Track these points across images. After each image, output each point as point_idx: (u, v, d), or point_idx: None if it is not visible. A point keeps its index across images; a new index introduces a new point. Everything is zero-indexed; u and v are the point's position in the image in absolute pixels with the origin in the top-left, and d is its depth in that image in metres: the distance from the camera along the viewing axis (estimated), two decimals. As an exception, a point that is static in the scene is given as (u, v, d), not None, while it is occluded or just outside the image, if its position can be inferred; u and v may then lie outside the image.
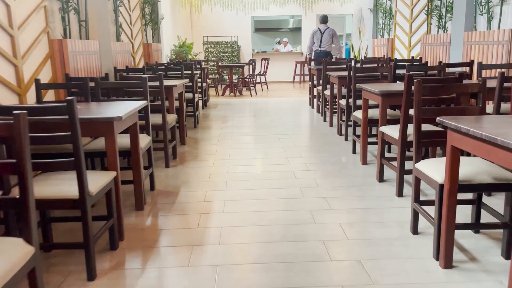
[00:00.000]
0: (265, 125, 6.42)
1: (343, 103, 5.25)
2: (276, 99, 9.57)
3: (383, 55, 8.56)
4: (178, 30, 11.88)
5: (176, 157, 4.60)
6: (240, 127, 6.35)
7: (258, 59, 13.38)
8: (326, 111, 6.55)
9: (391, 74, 4.54)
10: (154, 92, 4.09)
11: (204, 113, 7.81)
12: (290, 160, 4.41)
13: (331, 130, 5.89)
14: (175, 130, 4.59)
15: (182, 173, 4.07)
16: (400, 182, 3.25)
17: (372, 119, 4.15)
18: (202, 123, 6.74)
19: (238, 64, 10.72)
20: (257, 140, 5.41)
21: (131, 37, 7.46)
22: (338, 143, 5.12)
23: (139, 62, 7.88)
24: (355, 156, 4.52)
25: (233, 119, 7.04)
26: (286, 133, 5.80)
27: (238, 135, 5.76)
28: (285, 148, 4.95)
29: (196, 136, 5.78)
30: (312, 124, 6.57)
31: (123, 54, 6.45)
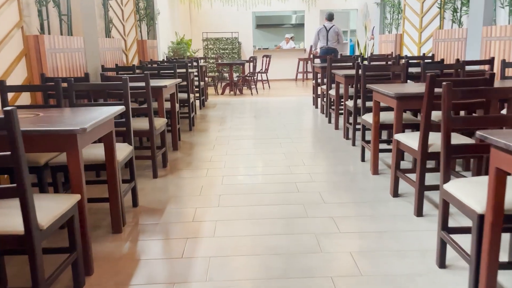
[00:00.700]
0: (265, 127, 5.98)
1: (350, 105, 4.81)
2: (278, 99, 9.12)
3: (391, 51, 8.10)
4: (176, 26, 11.43)
5: (166, 165, 4.16)
6: (238, 129, 5.91)
7: (259, 56, 12.92)
8: (331, 112, 6.10)
9: (404, 73, 4.08)
10: (141, 94, 3.66)
11: (202, 114, 7.37)
12: (292, 169, 3.97)
13: (337, 134, 5.44)
14: (165, 135, 4.15)
15: (171, 184, 3.63)
16: (419, 200, 2.80)
17: (384, 124, 3.71)
18: (198, 125, 6.30)
19: (238, 62, 10.28)
20: (256, 145, 4.97)
21: (124, 33, 7.03)
22: (344, 149, 4.68)
23: (132, 60, 7.45)
24: (364, 165, 4.07)
25: (231, 121, 6.60)
26: (288, 136, 5.36)
27: (236, 138, 5.32)
28: (287, 154, 4.50)
29: (190, 140, 5.34)
30: (316, 126, 6.12)
31: (114, 51, 6.01)
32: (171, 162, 4.32)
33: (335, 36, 8.72)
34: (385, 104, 3.43)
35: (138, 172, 3.95)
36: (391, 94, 3.06)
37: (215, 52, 12.51)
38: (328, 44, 8.72)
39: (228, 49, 12.59)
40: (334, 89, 5.79)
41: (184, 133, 5.71)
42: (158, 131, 3.87)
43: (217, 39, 12.57)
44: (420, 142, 2.68)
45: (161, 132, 4.05)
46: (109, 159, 2.57)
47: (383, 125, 3.70)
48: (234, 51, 12.61)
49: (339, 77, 5.31)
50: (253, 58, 10.19)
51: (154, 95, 4.13)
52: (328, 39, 8.77)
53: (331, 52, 8.48)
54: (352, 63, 6.29)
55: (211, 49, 12.55)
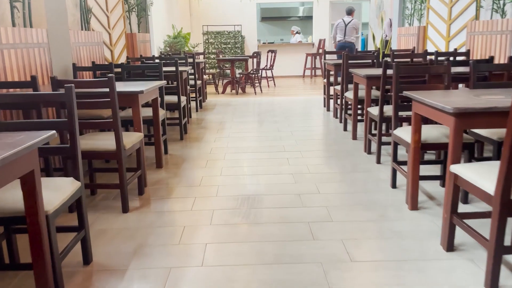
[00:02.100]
0: (269, 136, 5.08)
1: (374, 113, 3.90)
2: (284, 98, 8.21)
3: (413, 46, 7.15)
4: (173, 18, 10.52)
5: (143, 192, 3.27)
6: (238, 138, 5.02)
7: (264, 51, 11.99)
8: (346, 117, 5.19)
9: (448, 76, 3.16)
10: (104, 104, 2.78)
11: (198, 118, 6.48)
12: (304, 200, 3.07)
13: (355, 146, 4.53)
14: (143, 153, 3.27)
15: (144, 224, 2.75)
16: (494, 268, 1.90)
17: (426, 143, 2.80)
18: (192, 133, 5.41)
19: (241, 57, 9.36)
20: (257, 162, 4.07)
21: (108, 25, 6.13)
22: (367, 168, 3.77)
23: (119, 57, 6.56)
24: (397, 194, 3.16)
25: (231, 126, 5.71)
26: (297, 148, 4.46)
27: (234, 151, 4.43)
28: (296, 176, 3.61)
29: (180, 153, 4.46)
30: (329, 135, 5.21)
31: (92, 46, 5.13)
32: (151, 186, 3.44)
33: (353, 31, 8.63)
34: (426, 115, 2.52)
35: (103, 203, 3.07)
36: (448, 109, 2.15)
37: (216, 47, 11.59)
38: (345, 38, 8.57)
39: (230, 43, 11.67)
40: (352, 91, 4.88)
41: (173, 144, 4.82)
42: (130, 150, 2.99)
43: (219, 32, 11.65)
44: (500, 183, 1.78)
45: (137, 149, 3.17)
46: (30, 211, 1.69)
47: (426, 144, 2.80)
48: (237, 46, 11.68)
49: (359, 78, 4.40)
50: (257, 53, 9.28)
51: (127, 102, 3.25)
52: (345, 34, 8.69)
53: (347, 46, 8.11)
54: (372, 60, 5.38)
55: (212, 44, 11.63)
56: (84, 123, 2.80)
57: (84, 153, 2.79)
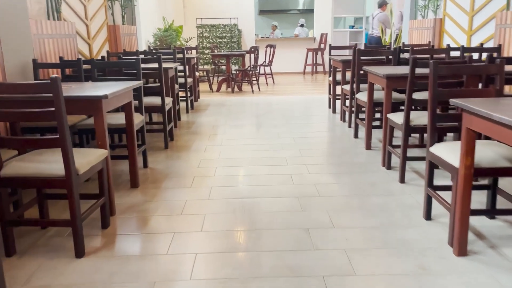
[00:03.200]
0: (269, 144, 4.37)
1: (397, 120, 3.19)
2: (284, 98, 7.49)
3: (428, 41, 6.45)
4: (165, 10, 9.77)
5: (108, 225, 2.56)
6: (232, 147, 4.31)
7: (262, 46, 11.26)
8: (358, 123, 4.48)
9: (502, 78, 2.44)
10: (45, 115, 2.06)
11: (188, 120, 5.76)
12: (316, 240, 2.36)
13: (371, 157, 3.83)
14: (106, 177, 2.55)
15: (98, 280, 2.03)
16: None
17: (479, 167, 2.10)
18: (179, 139, 4.70)
19: (237, 53, 8.63)
20: (255, 179, 3.36)
21: (85, 15, 5.40)
22: (389, 189, 3.07)
23: (99, 51, 5.83)
24: (434, 229, 2.46)
25: (224, 131, 5.00)
26: (301, 161, 3.76)
27: (226, 165, 3.72)
28: (302, 200, 2.90)
29: (162, 166, 3.74)
30: (338, 142, 4.49)
31: (62, 39, 4.39)
32: (121, 214, 2.72)
33: (379, 24, 8.64)
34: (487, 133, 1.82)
35: (54, 242, 2.36)
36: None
37: (211, 41, 10.85)
38: (372, 32, 8.72)
39: (226, 37, 10.92)
40: (365, 93, 4.18)
41: (156, 154, 4.11)
42: (87, 174, 2.27)
43: (214, 25, 10.89)
44: None
45: (98, 170, 2.46)
46: None
47: (480, 170, 2.10)
48: (233, 40, 10.93)
49: (376, 78, 3.69)
50: (255, 48, 8.55)
51: (87, 110, 2.54)
52: (373, 27, 8.90)
53: (373, 41, 8.21)
54: (387, 57, 4.67)
55: (207, 38, 10.88)
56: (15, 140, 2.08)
57: (21, 180, 2.08)
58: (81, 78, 3.61)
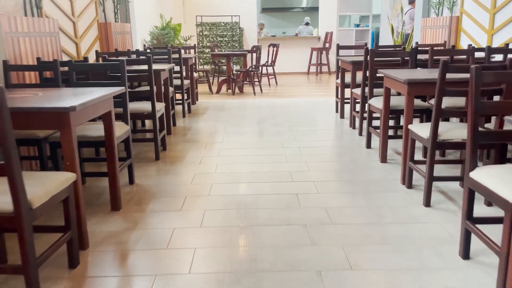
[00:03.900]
0: (271, 155, 3.92)
1: (422, 133, 2.74)
2: (288, 100, 7.03)
3: (444, 40, 5.98)
4: (163, 7, 9.32)
5: (77, 263, 2.11)
6: (230, 158, 3.86)
7: (264, 45, 10.80)
8: (371, 131, 4.03)
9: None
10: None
11: (184, 126, 5.31)
12: (329, 285, 1.91)
13: (387, 173, 3.37)
14: (74, 207, 2.10)
15: None
16: None
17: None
18: (172, 149, 4.25)
19: (238, 52, 8.17)
20: (255, 199, 2.91)
21: (72, 12, 4.95)
22: (414, 215, 2.61)
23: (88, 50, 5.39)
24: (473, 270, 2.00)
25: (223, 139, 4.55)
26: (308, 177, 3.30)
27: (224, 181, 3.27)
28: (313, 229, 2.45)
29: (150, 183, 3.29)
30: (349, 154, 4.03)
31: (42, 38, 3.95)
32: (94, 248, 2.27)
33: (410, 20, 8.22)
34: None
35: None
36: None
37: (211, 40, 10.39)
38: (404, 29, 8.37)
39: (227, 36, 10.46)
40: (379, 99, 3.73)
41: (145, 167, 3.66)
42: (45, 207, 1.82)
43: (214, 24, 10.43)
44: None
45: (63, 199, 2.01)
46: None
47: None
48: (235, 39, 10.47)
49: (394, 82, 3.23)
50: (257, 47, 8.09)
51: (51, 125, 2.09)
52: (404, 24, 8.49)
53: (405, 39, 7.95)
54: (402, 58, 4.22)
55: (207, 36, 10.42)
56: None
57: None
58: (58, 83, 3.17)
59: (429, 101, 3.82)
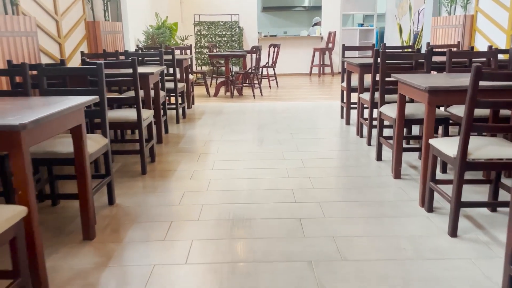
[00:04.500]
0: (271, 169, 3.52)
1: (447, 151, 2.33)
2: (289, 104, 6.62)
3: (457, 41, 5.57)
4: (159, 5, 8.92)
5: (30, 317, 1.72)
6: (226, 172, 3.46)
7: (265, 45, 10.40)
8: (382, 142, 3.62)
9: None
10: None
11: (177, 133, 4.91)
12: None
13: (402, 191, 2.97)
14: (24, 251, 1.71)
15: None
16: None
17: None
18: (162, 160, 3.85)
19: (237, 53, 7.77)
20: (251, 227, 2.51)
21: (55, 10, 4.56)
22: (436, 246, 2.21)
23: (73, 52, 4.99)
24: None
25: (218, 149, 4.15)
26: (313, 196, 2.90)
27: (215, 202, 2.87)
28: (319, 263, 2.04)
29: (132, 204, 2.89)
30: (357, 167, 3.62)
31: (16, 37, 3.55)
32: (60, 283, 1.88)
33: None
34: None
35: None
36: None
37: (210, 40, 9.99)
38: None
39: (226, 36, 10.05)
40: (393, 107, 3.33)
41: (128, 184, 3.26)
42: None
43: (212, 23, 10.03)
44: None
45: (10, 239, 1.61)
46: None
47: None
48: (234, 39, 10.07)
49: (411, 90, 2.82)
50: (257, 48, 7.69)
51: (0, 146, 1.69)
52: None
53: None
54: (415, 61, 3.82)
55: (205, 36, 10.02)
56: None
57: None
58: (27, 90, 2.77)
59: (447, 109, 3.42)
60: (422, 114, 3.24)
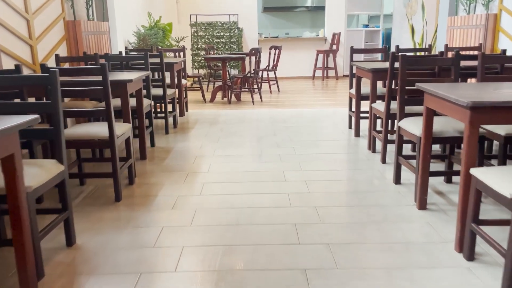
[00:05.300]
0: (271, 194, 2.95)
1: (501, 190, 1.77)
2: (291, 112, 6.06)
3: (479, 43, 5.01)
4: (153, 5, 8.38)
5: None
6: (215, 199, 2.90)
7: (265, 47, 9.86)
8: (401, 162, 3.05)
9: None
10: None
11: (165, 146, 4.35)
12: None
13: (431, 229, 2.40)
14: None
15: None
16: None
17: None
18: (142, 182, 3.29)
19: (235, 55, 7.22)
20: (244, 280, 1.95)
21: (25, 7, 4.02)
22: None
23: (49, 54, 4.44)
24: None
25: (209, 167, 3.59)
26: (321, 235, 2.34)
27: (199, 244, 2.31)
28: None
29: (96, 244, 2.32)
30: (370, 190, 3.05)
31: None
32: None
33: None
34: None
35: None
36: None
37: (207, 41, 9.45)
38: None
39: (224, 37, 9.50)
40: (418, 123, 2.77)
41: (97, 215, 2.70)
42: None
43: (210, 23, 9.48)
44: None
45: None
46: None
47: None
48: (233, 40, 9.52)
49: (441, 103, 2.25)
50: (256, 50, 7.13)
51: None
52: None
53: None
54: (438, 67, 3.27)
55: (202, 37, 9.47)
56: None
57: None
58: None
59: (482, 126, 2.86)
60: (454, 132, 2.68)
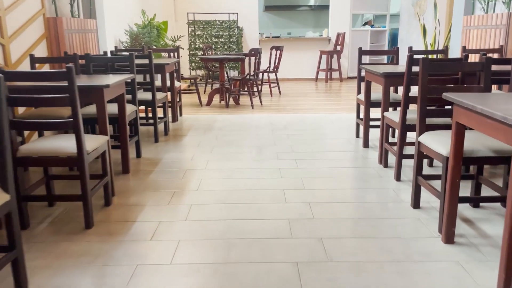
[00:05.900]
0: (269, 221, 2.52)
1: None
2: (293, 117, 5.62)
3: (500, 45, 4.56)
4: (148, 2, 7.95)
5: None
6: (201, 228, 2.46)
7: (266, 47, 9.42)
8: (420, 184, 2.62)
9: None
10: None
11: (152, 158, 3.92)
12: None
13: (461, 269, 1.96)
14: None
15: None
16: None
17: None
18: (118, 205, 2.85)
19: (233, 56, 6.78)
20: None
21: (-4, 1, 3.58)
22: None
23: (24, 55, 4.01)
24: None
25: (200, 183, 3.16)
26: (329, 275, 1.91)
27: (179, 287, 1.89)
28: None
29: (52, 285, 1.90)
30: (384, 216, 2.61)
31: None
32: None
33: None
34: None
35: None
36: None
37: (205, 41, 9.01)
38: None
39: (223, 36, 9.07)
40: (443, 140, 2.33)
41: (62, 246, 2.26)
42: None
43: (208, 22, 9.04)
44: None
45: None
46: None
47: None
48: (232, 40, 9.08)
49: (480, 121, 1.81)
50: (256, 50, 6.70)
51: None
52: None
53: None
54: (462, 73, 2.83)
55: (200, 37, 9.03)
56: None
57: None
58: None
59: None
60: (487, 151, 2.24)
